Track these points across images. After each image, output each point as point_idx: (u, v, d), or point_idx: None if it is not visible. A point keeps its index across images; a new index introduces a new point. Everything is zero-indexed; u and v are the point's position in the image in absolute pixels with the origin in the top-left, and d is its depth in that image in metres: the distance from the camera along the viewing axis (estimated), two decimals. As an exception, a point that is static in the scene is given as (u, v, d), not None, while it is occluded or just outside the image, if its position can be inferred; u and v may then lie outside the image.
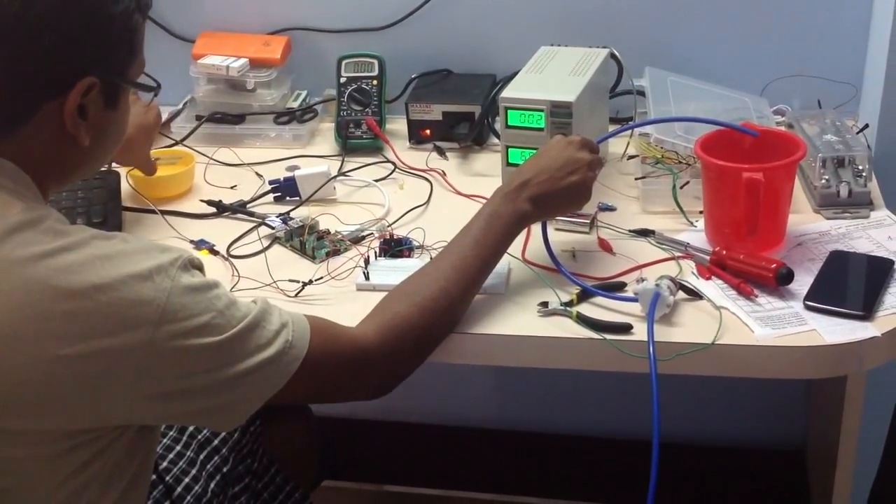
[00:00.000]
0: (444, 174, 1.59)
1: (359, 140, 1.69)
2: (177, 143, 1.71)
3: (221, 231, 1.45)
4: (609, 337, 1.18)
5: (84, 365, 0.89)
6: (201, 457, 1.30)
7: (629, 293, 1.23)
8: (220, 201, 1.52)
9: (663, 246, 1.35)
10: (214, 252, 1.39)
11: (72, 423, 0.92)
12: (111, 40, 0.97)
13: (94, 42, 0.95)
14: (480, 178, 1.59)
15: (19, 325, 0.88)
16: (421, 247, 1.37)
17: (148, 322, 0.91)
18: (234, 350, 0.96)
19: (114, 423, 0.95)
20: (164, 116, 1.77)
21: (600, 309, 1.23)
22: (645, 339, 1.15)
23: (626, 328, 1.19)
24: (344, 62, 1.73)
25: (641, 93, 1.59)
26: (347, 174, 1.61)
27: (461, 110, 1.67)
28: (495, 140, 1.67)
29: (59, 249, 0.90)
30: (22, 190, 0.95)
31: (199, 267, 0.98)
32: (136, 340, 0.90)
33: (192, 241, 1.41)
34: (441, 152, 1.66)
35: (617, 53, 1.59)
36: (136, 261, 0.92)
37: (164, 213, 1.48)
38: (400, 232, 1.41)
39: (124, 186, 1.54)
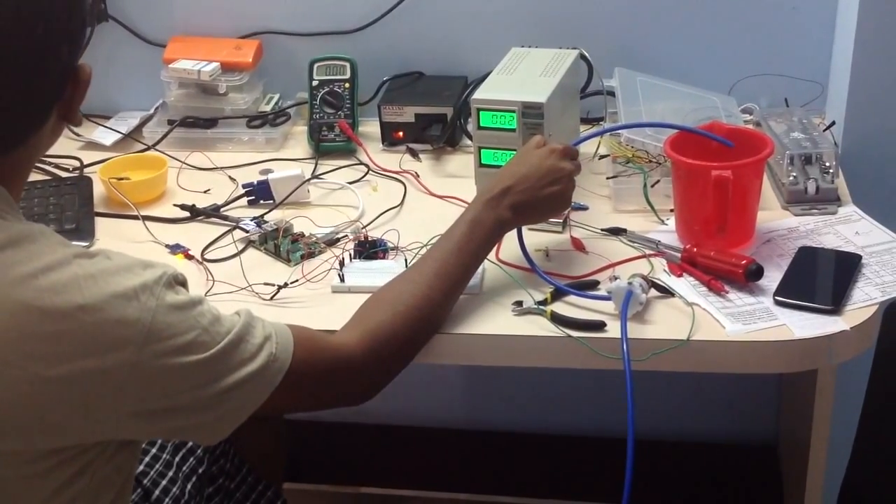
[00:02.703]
0: (418, 176, 1.60)
1: (332, 143, 1.70)
2: (149, 148, 1.70)
3: (196, 235, 1.45)
4: (583, 335, 1.19)
5: (69, 385, 0.89)
6: (177, 459, 1.30)
7: (602, 292, 1.24)
8: (194, 205, 1.52)
9: (635, 244, 1.36)
10: (189, 256, 1.39)
11: (57, 441, 0.91)
12: (81, 22, 0.97)
13: (74, 28, 0.96)
14: (453, 179, 1.60)
15: (5, 346, 0.87)
16: (396, 248, 1.38)
17: (133, 342, 0.90)
18: (219, 366, 0.96)
19: (99, 439, 0.94)
20: (136, 122, 1.77)
21: (574, 308, 1.24)
22: (618, 336, 1.17)
23: (599, 326, 1.20)
24: (316, 65, 1.73)
25: (612, 93, 1.60)
26: (321, 177, 1.61)
27: (433, 112, 1.68)
28: (468, 141, 1.68)
29: (42, 269, 0.89)
30: (2, 205, 0.94)
31: (183, 283, 0.98)
32: (121, 360, 0.90)
33: (167, 246, 1.41)
34: (414, 154, 1.67)
35: (587, 54, 1.61)
36: (121, 279, 0.91)
37: (138, 218, 1.47)
38: (374, 234, 1.42)
39: (96, 192, 1.54)
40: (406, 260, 1.33)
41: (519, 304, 1.24)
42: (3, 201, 0.94)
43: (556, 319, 1.21)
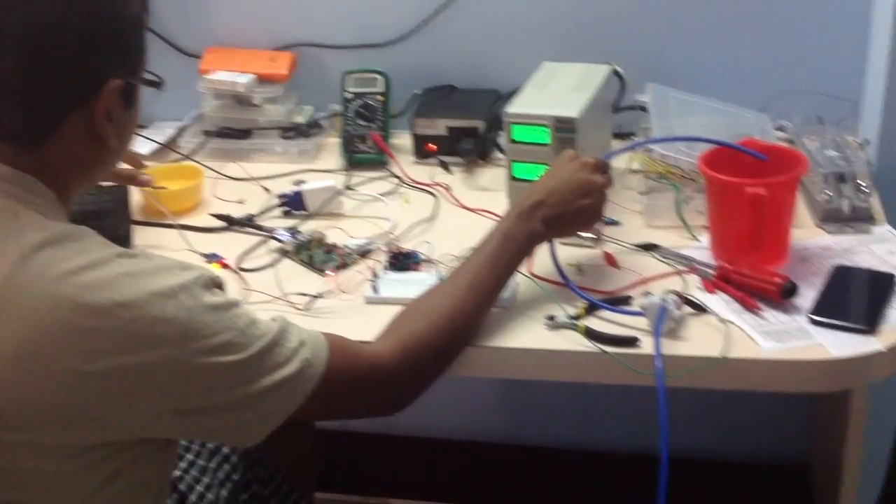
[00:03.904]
0: (449, 188, 1.61)
1: (364, 155, 1.71)
2: (185, 158, 1.72)
3: (231, 244, 1.47)
4: (616, 351, 1.19)
5: (108, 381, 0.91)
6: (212, 464, 1.32)
7: (635, 307, 1.25)
8: (229, 215, 1.53)
9: (668, 260, 1.36)
10: (225, 265, 1.40)
11: (95, 436, 0.93)
12: (127, 41, 0.99)
13: (113, 45, 0.98)
14: (485, 192, 1.60)
15: (45, 340, 0.89)
16: (428, 260, 1.38)
17: (171, 340, 0.92)
18: (254, 368, 0.97)
19: (136, 436, 0.96)
20: (173, 132, 1.79)
21: (607, 323, 1.24)
22: (651, 352, 1.17)
23: (632, 342, 1.20)
24: (349, 78, 1.74)
25: (644, 108, 1.61)
26: (354, 188, 1.62)
27: (465, 125, 1.69)
28: (499, 154, 1.68)
29: (84, 266, 0.91)
30: (46, 205, 0.97)
31: (220, 285, 1.00)
32: (159, 357, 0.92)
33: (203, 254, 1.43)
34: (445, 167, 1.68)
35: (619, 69, 1.61)
36: (160, 279, 0.94)
37: (174, 226, 1.49)
38: (407, 245, 1.43)
39: (134, 200, 1.55)
40: (439, 272, 1.34)
41: (552, 318, 1.24)
42: (47, 200, 0.97)
43: (590, 334, 1.21)
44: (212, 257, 1.42)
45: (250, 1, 1.84)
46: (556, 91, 1.51)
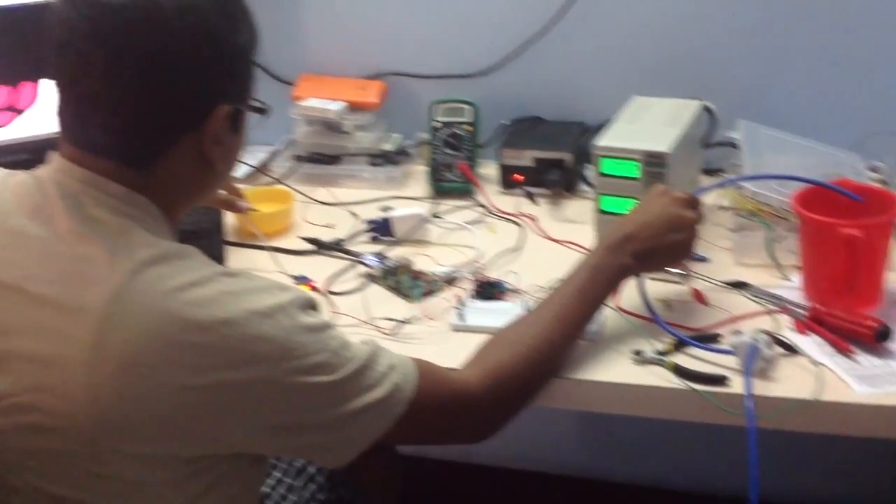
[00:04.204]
0: (535, 219, 1.61)
1: (451, 183, 1.73)
2: (277, 182, 1.76)
3: (320, 268, 1.49)
4: (705, 389, 1.18)
5: (207, 395, 0.93)
6: (298, 483, 1.35)
7: (725, 345, 1.23)
8: (319, 239, 1.56)
9: (758, 299, 1.35)
10: (314, 288, 1.43)
11: (191, 449, 0.96)
12: (236, 69, 1.03)
13: (223, 73, 1.01)
14: (571, 224, 1.61)
15: (151, 353, 0.92)
16: (514, 290, 1.39)
17: (268, 358, 0.94)
18: (345, 389, 0.99)
19: (229, 451, 0.98)
20: (265, 156, 1.83)
21: (695, 360, 1.23)
22: (740, 392, 1.15)
23: (721, 380, 1.19)
24: (438, 107, 1.77)
25: (734, 145, 1.60)
26: (440, 216, 1.64)
27: (552, 157, 1.70)
28: (586, 187, 1.69)
29: (189, 284, 0.95)
30: (154, 223, 1.00)
31: (315, 307, 1.02)
32: (256, 375, 0.94)
33: (292, 277, 1.45)
34: (531, 198, 1.69)
35: (710, 105, 1.61)
36: (259, 298, 0.96)
37: (265, 248, 1.52)
38: (492, 274, 1.43)
39: (227, 221, 1.59)
40: (524, 302, 1.34)
41: (639, 352, 1.24)
42: (156, 219, 1.01)
43: (678, 371, 1.20)
44: (301, 279, 1.45)
45: (344, 30, 1.88)
46: (646, 125, 1.51)
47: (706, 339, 1.26)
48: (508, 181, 1.72)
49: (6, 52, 1.59)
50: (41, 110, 1.63)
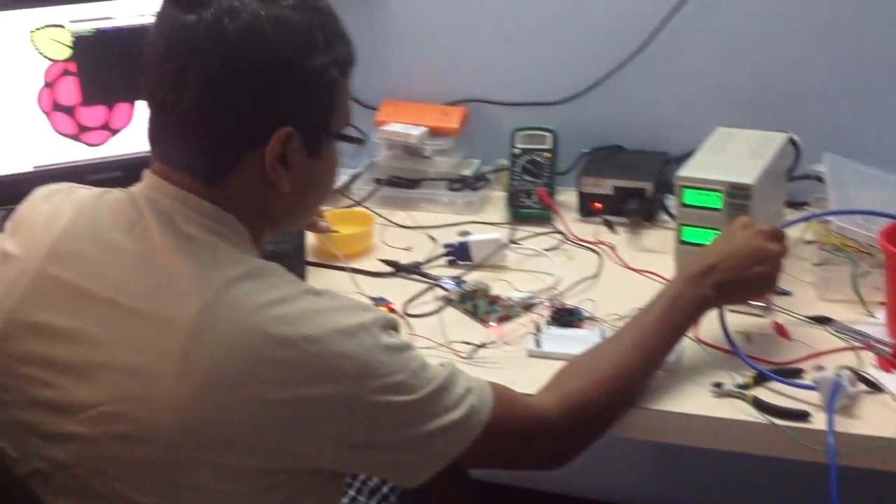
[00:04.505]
0: (614, 248, 1.61)
1: (529, 210, 1.74)
2: (357, 204, 1.78)
3: (397, 290, 1.51)
4: (785, 424, 1.16)
5: (288, 410, 0.95)
6: (371, 502, 1.36)
7: (807, 381, 1.21)
8: (397, 261, 1.58)
9: (841, 335, 1.33)
10: (392, 310, 1.44)
11: (270, 462, 0.97)
12: (308, 93, 1.03)
13: (290, 95, 1.01)
14: (650, 253, 1.60)
15: (237, 366, 0.94)
16: (592, 318, 1.39)
17: (349, 376, 0.96)
18: (423, 410, 1.00)
19: (307, 465, 1.00)
20: (346, 178, 1.86)
21: (775, 394, 1.21)
22: (822, 428, 1.13)
23: (803, 416, 1.17)
24: (518, 134, 1.78)
25: (819, 178, 1.58)
26: (518, 242, 1.65)
27: (633, 186, 1.70)
28: (665, 217, 1.68)
29: (276, 301, 0.97)
30: (240, 241, 1.03)
31: (396, 328, 1.04)
32: (337, 392, 0.96)
33: (371, 298, 1.47)
34: (610, 226, 1.68)
35: (796, 138, 1.59)
36: (343, 317, 0.98)
37: (345, 269, 1.55)
38: (570, 302, 1.43)
39: (308, 242, 1.62)
40: (603, 330, 1.34)
41: (718, 385, 1.23)
42: (241, 237, 1.03)
43: (758, 405, 1.19)
44: (379, 301, 1.46)
45: (427, 57, 1.91)
46: (730, 156, 1.50)
47: (788, 374, 1.24)
48: (587, 209, 1.72)
49: (105, 74, 1.65)
50: (135, 130, 1.68)
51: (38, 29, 1.60)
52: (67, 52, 1.62)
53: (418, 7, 1.90)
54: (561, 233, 1.67)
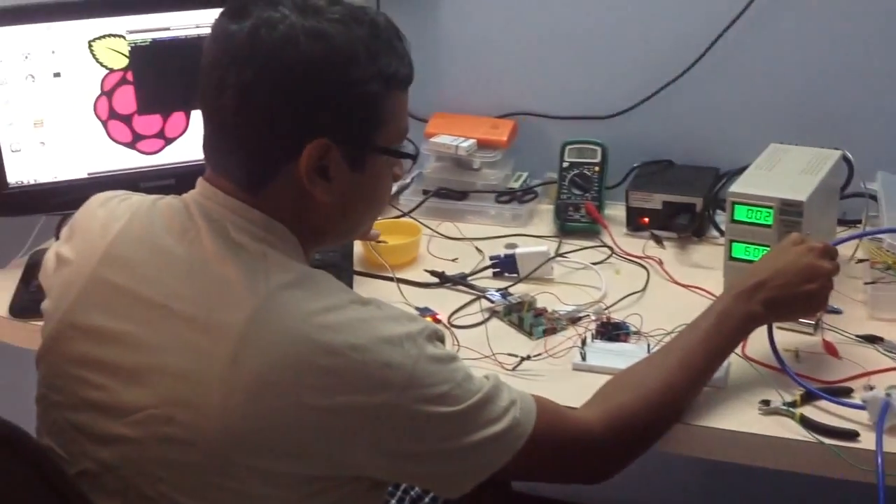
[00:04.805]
0: (662, 262, 1.60)
1: (577, 223, 1.73)
2: (404, 215, 1.80)
3: (443, 301, 1.51)
4: (833, 443, 1.14)
5: (333, 417, 0.96)
6: (414, 512, 1.36)
7: (856, 400, 1.20)
8: (444, 272, 1.59)
9: (891, 354, 1.30)
10: (437, 321, 1.45)
11: (315, 469, 0.98)
12: (345, 106, 1.02)
13: (324, 106, 1.01)
14: (698, 269, 1.59)
15: (282, 372, 0.95)
16: (638, 332, 1.38)
17: (395, 385, 0.96)
18: (467, 421, 1.00)
19: (349, 473, 1.00)
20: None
21: (823, 413, 1.20)
22: (871, 448, 1.12)
23: (852, 435, 1.15)
24: (568, 147, 1.78)
25: (873, 196, 1.56)
26: (565, 255, 1.65)
27: (682, 201, 1.69)
28: (714, 232, 1.67)
29: (324, 309, 0.98)
30: (289, 249, 1.04)
31: (442, 339, 1.04)
32: (382, 400, 0.96)
33: (416, 308, 1.48)
34: (659, 241, 1.67)
35: (849, 155, 1.57)
36: (389, 327, 0.99)
37: (392, 279, 1.56)
38: (616, 316, 1.43)
39: (355, 251, 1.64)
40: (649, 345, 1.33)
41: (766, 402, 1.21)
42: (290, 245, 1.04)
43: (806, 423, 1.17)
44: (425, 311, 1.47)
45: (478, 71, 1.93)
46: (783, 173, 1.49)
47: (837, 393, 1.22)
48: (635, 223, 1.72)
49: (160, 84, 1.68)
50: (188, 139, 1.71)
51: (97, 38, 1.64)
52: (125, 62, 1.66)
53: (471, 21, 1.92)
54: (608, 247, 1.66)
